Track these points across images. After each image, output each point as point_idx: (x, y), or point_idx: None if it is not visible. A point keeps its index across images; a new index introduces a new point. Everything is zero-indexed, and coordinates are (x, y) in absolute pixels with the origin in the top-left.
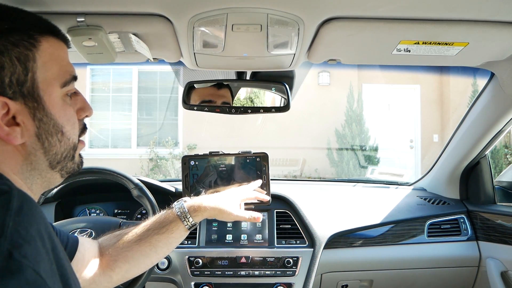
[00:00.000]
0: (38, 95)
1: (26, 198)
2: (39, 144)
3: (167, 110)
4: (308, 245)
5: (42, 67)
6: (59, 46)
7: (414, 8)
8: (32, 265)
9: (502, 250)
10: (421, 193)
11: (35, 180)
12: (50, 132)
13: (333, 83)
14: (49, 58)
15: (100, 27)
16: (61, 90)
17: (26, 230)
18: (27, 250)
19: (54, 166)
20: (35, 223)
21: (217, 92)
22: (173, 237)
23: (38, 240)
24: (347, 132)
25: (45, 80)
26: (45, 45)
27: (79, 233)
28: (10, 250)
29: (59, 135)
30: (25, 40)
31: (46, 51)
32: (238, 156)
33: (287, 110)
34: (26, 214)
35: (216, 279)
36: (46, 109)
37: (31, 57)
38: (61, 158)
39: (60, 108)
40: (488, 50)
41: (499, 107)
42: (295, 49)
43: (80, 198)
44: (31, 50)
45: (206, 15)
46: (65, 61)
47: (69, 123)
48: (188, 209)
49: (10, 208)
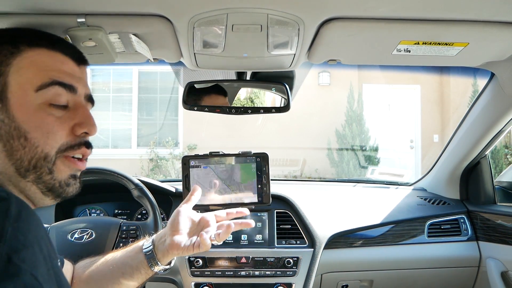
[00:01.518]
0: (6, 97)
1: (24, 205)
2: (0, 145)
3: (167, 110)
4: (308, 245)
5: (16, 71)
6: (48, 55)
7: (414, 8)
8: (30, 270)
9: (502, 250)
10: (421, 193)
11: (7, 187)
12: (11, 135)
13: (333, 83)
14: (28, 64)
15: (100, 27)
16: (36, 94)
17: (24, 236)
18: (25, 255)
19: (23, 174)
20: (32, 229)
21: (207, 99)
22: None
23: (36, 245)
24: (347, 132)
25: (17, 84)
26: (30, 53)
27: (79, 233)
28: (9, 254)
29: (22, 140)
30: (8, 49)
31: (28, 58)
32: (238, 156)
33: (287, 111)
34: (24, 221)
35: (216, 279)
36: (8, 111)
37: (7, 63)
38: (29, 166)
39: (29, 113)
40: (488, 50)
41: (499, 107)
42: (295, 49)
43: (80, 198)
44: (9, 57)
45: (206, 15)
46: (49, 67)
47: (39, 131)
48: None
49: (9, 214)
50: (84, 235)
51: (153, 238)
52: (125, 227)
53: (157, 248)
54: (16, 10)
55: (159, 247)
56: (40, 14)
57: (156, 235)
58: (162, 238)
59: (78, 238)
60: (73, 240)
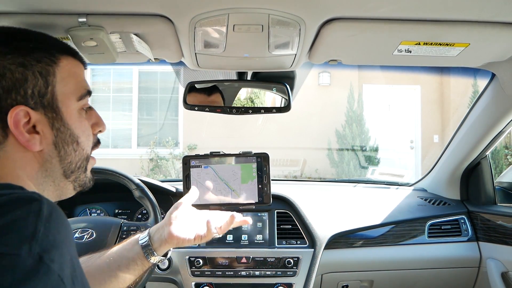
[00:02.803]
0: (57, 107)
1: (54, 206)
2: (55, 152)
3: (168, 110)
4: (309, 245)
5: (60, 81)
6: (76, 65)
7: (415, 8)
8: (58, 270)
9: (503, 251)
10: (421, 193)
11: (47, 187)
12: (67, 141)
13: (334, 83)
14: (67, 74)
15: (102, 27)
16: (77, 103)
17: (54, 236)
18: (54, 255)
19: (68, 175)
20: (62, 230)
21: (207, 99)
22: (137, 269)
23: (64, 246)
24: (347, 133)
25: (63, 93)
26: (64, 62)
27: (80, 233)
28: (40, 254)
29: (75, 145)
30: (46, 57)
31: (65, 67)
32: (239, 156)
33: (288, 111)
34: (54, 221)
35: (216, 279)
36: (63, 120)
37: (52, 72)
38: (75, 168)
39: (76, 120)
40: (489, 51)
41: (499, 108)
42: (296, 50)
43: (80, 198)
44: (51, 66)
45: (208, 16)
46: (81, 77)
47: (84, 135)
48: (153, 244)
49: (41, 214)
50: (85, 234)
51: (149, 230)
52: (125, 227)
53: (153, 239)
54: (17, 9)
55: (156, 238)
56: (41, 13)
57: (152, 228)
58: (159, 230)
59: (78, 238)
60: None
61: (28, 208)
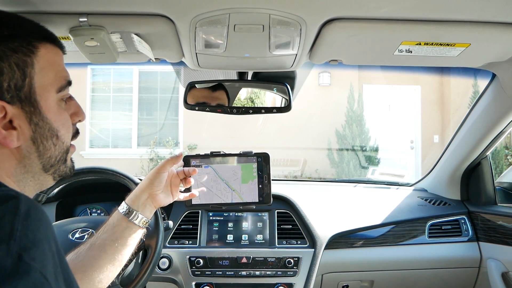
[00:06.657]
0: (35, 100)
1: (33, 203)
2: (33, 148)
3: (168, 110)
4: (309, 245)
5: (39, 72)
6: (55, 52)
7: (416, 9)
8: (40, 268)
9: (503, 251)
10: (422, 193)
11: (27, 182)
12: (45, 136)
13: (334, 83)
14: (46, 64)
15: (102, 27)
16: (57, 95)
17: (33, 234)
18: (35, 253)
19: (48, 169)
20: (41, 227)
21: (211, 94)
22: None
23: (45, 243)
24: (347, 133)
25: (42, 86)
26: (43, 51)
27: (80, 233)
28: (19, 252)
29: (54, 139)
30: (24, 46)
31: (44, 57)
32: (239, 156)
33: (289, 111)
34: (33, 219)
35: (217, 279)
36: (42, 114)
37: (29, 63)
38: (54, 162)
39: (56, 113)
40: (489, 51)
41: (500, 108)
42: (297, 50)
43: (81, 198)
44: (29, 56)
45: (208, 16)
46: (61, 66)
47: (64, 127)
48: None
49: (19, 213)
50: (85, 234)
51: (125, 200)
52: None
53: (133, 204)
54: (18, 9)
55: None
56: (42, 13)
57: (129, 197)
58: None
59: (79, 238)
60: (74, 240)
61: (4, 207)
